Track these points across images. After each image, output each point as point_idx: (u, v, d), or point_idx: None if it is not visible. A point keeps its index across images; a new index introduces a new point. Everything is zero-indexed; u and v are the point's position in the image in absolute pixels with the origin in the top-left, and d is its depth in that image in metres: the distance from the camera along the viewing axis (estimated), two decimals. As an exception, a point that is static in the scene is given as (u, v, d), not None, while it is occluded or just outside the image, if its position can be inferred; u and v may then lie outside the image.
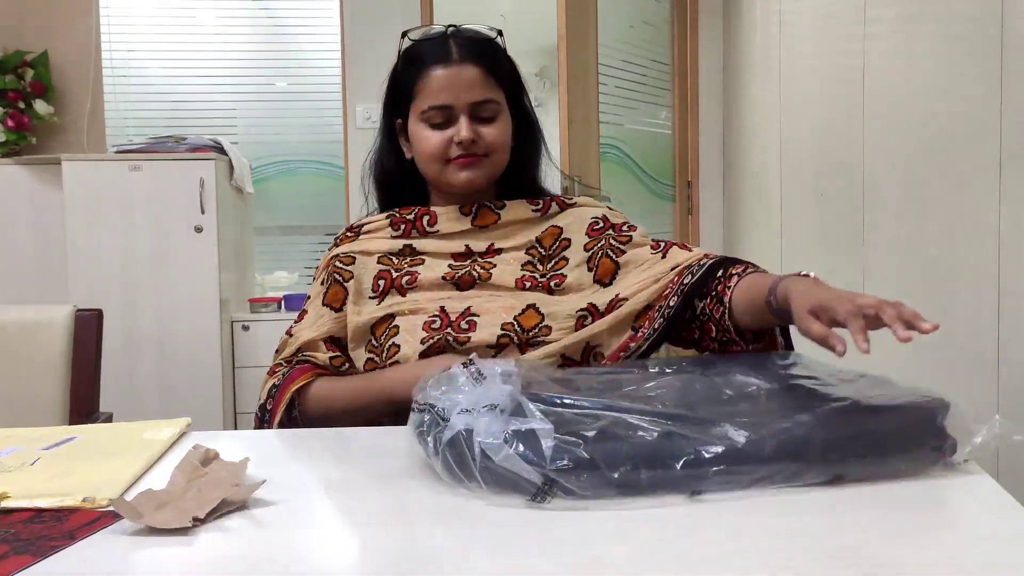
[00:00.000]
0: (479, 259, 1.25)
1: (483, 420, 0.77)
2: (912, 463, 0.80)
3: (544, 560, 0.66)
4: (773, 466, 0.76)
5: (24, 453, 0.93)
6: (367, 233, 1.31)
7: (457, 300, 1.20)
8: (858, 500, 0.75)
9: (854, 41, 2.18)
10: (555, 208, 1.30)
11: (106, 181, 3.12)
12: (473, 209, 1.27)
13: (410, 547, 0.70)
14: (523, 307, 1.18)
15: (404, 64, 1.28)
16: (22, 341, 1.58)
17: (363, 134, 3.58)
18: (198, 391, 3.16)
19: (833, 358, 0.86)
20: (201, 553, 0.68)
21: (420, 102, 1.24)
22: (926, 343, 0.88)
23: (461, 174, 1.24)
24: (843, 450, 0.78)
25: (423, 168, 1.28)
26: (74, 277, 3.10)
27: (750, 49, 3.27)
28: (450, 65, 1.23)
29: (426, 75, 1.24)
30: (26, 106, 3.37)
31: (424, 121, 1.24)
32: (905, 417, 0.82)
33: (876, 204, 2.07)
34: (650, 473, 0.75)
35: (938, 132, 1.77)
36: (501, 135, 1.26)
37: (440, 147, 1.23)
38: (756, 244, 3.22)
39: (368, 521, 0.76)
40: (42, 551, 0.67)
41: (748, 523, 0.71)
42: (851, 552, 0.65)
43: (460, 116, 1.23)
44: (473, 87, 1.23)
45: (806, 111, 2.60)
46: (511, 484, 0.75)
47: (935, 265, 1.77)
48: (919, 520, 0.73)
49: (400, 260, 1.26)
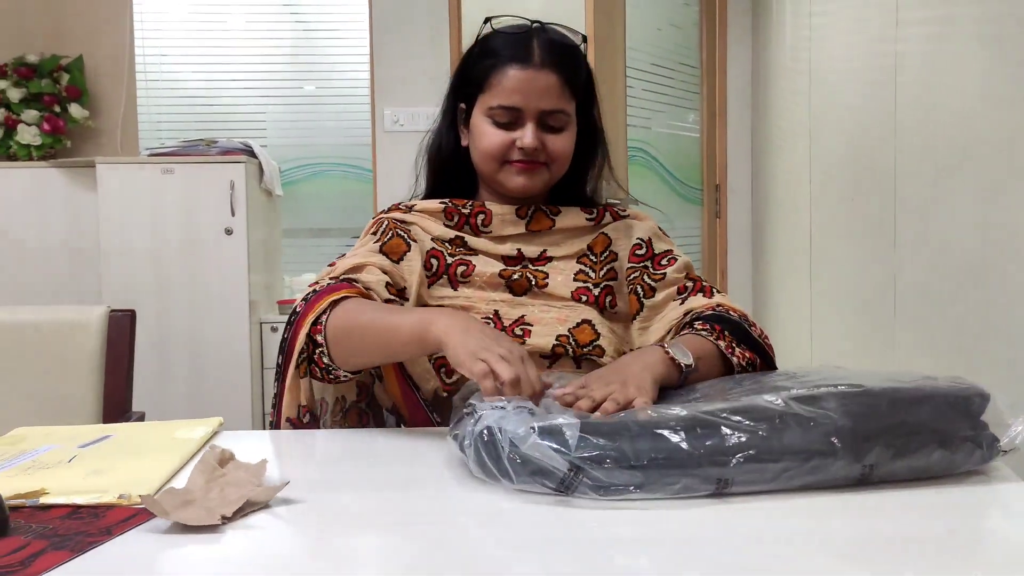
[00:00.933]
0: (530, 265, 1.22)
1: (513, 417, 0.79)
2: (946, 455, 0.78)
3: (572, 565, 0.66)
4: (799, 455, 0.76)
5: (62, 451, 0.95)
6: (420, 212, 1.26)
7: (510, 306, 1.18)
8: (887, 505, 0.75)
9: (886, 43, 2.16)
10: (608, 218, 1.28)
11: (139, 184, 3.17)
12: (529, 212, 1.24)
13: (435, 547, 0.70)
14: (578, 320, 1.17)
15: (481, 52, 1.22)
16: (57, 341, 1.60)
17: (391, 137, 3.60)
18: (227, 391, 3.19)
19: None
20: (231, 550, 0.69)
21: (489, 97, 1.20)
22: (960, 348, 0.87)
23: (517, 179, 1.21)
24: (873, 438, 0.76)
25: (478, 163, 1.25)
26: (108, 278, 3.15)
27: (779, 51, 3.24)
28: (528, 67, 1.18)
29: (501, 71, 1.19)
30: (62, 110, 3.43)
31: (489, 117, 1.20)
32: (939, 405, 0.80)
33: (908, 208, 2.04)
34: (674, 462, 0.75)
35: (971, 134, 1.75)
36: (565, 147, 1.22)
37: (501, 148, 1.20)
38: (784, 248, 3.20)
39: (393, 521, 0.77)
40: (79, 547, 0.68)
41: (775, 527, 0.71)
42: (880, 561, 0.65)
43: (527, 122, 1.18)
44: (546, 95, 1.18)
45: (837, 114, 2.58)
46: (539, 473, 0.76)
47: (968, 269, 1.75)
48: (950, 528, 0.72)
49: (453, 248, 1.22)
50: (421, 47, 3.54)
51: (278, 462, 0.95)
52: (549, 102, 1.18)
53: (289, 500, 0.79)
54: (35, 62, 3.44)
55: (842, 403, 0.78)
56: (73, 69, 3.48)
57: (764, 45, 3.49)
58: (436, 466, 0.89)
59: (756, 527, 0.71)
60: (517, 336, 1.15)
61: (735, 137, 3.74)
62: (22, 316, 1.62)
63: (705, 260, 3.78)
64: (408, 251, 1.19)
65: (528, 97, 1.18)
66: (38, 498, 0.79)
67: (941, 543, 0.68)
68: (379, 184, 3.63)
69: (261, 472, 0.82)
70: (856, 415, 0.77)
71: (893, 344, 2.10)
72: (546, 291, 1.20)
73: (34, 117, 3.37)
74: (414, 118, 3.56)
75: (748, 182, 3.74)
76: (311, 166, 3.84)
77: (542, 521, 0.73)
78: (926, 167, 1.95)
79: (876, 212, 2.21)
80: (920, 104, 1.99)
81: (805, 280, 2.87)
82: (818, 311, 2.78)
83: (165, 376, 3.17)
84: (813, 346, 2.77)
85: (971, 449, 0.79)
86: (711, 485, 0.75)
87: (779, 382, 0.88)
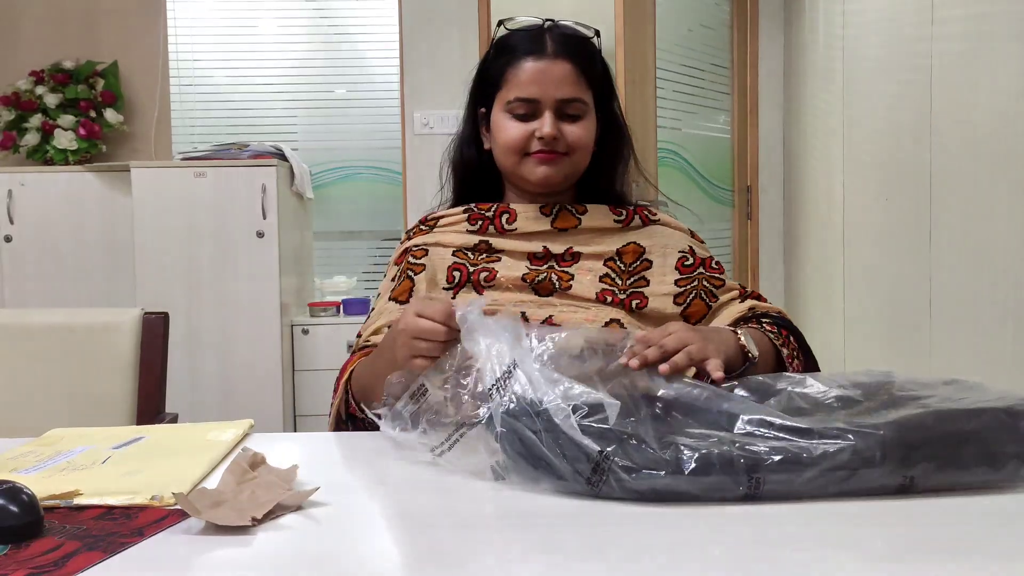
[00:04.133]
0: (557, 263, 1.22)
1: (548, 391, 0.79)
2: (990, 471, 0.76)
3: (599, 564, 0.66)
4: (839, 464, 0.74)
5: (95, 452, 0.95)
6: (443, 227, 1.28)
7: (537, 306, 1.18)
8: (925, 512, 0.73)
9: (921, 42, 2.12)
10: (637, 221, 1.27)
11: (172, 187, 3.20)
12: (553, 210, 1.25)
13: (466, 550, 0.70)
14: (606, 320, 1.17)
15: (496, 52, 1.25)
16: (92, 343, 1.62)
17: (421, 140, 3.62)
18: (259, 393, 3.22)
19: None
20: (262, 550, 0.70)
21: (507, 92, 1.22)
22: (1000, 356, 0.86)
23: (538, 169, 1.21)
24: (917, 450, 0.75)
25: (500, 159, 1.25)
26: (142, 280, 3.19)
27: (812, 51, 3.21)
28: (542, 58, 1.20)
29: (516, 65, 1.21)
30: (97, 115, 3.49)
31: (508, 112, 1.22)
32: (985, 421, 0.77)
33: (944, 208, 2.01)
34: (704, 456, 0.74)
35: (1009, 134, 1.72)
36: (584, 135, 1.22)
37: (520, 139, 1.21)
38: (816, 250, 3.16)
39: (424, 524, 0.77)
40: (112, 547, 0.69)
41: (806, 531, 0.70)
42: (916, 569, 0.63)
43: (545, 111, 1.20)
44: (563, 83, 1.20)
45: (871, 114, 2.54)
46: (571, 454, 0.76)
47: (1005, 271, 1.72)
48: (990, 536, 0.70)
49: (476, 256, 1.23)
50: (451, 50, 3.55)
51: (309, 465, 0.95)
52: (565, 91, 1.20)
53: (320, 503, 0.79)
54: (71, 68, 3.50)
55: (882, 415, 0.77)
56: (108, 75, 3.53)
57: (796, 44, 3.46)
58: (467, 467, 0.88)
59: (788, 532, 0.70)
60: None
61: (766, 138, 3.70)
62: (57, 318, 1.64)
63: (736, 262, 3.75)
64: (413, 286, 1.23)
65: (544, 87, 1.20)
66: (72, 499, 0.80)
67: (980, 552, 0.67)
68: (408, 187, 3.65)
69: (292, 477, 0.82)
70: (902, 426, 0.76)
71: (929, 348, 2.07)
72: (570, 292, 1.20)
73: (70, 122, 3.42)
74: (444, 121, 3.57)
75: (780, 183, 3.70)
76: (341, 169, 3.87)
77: (568, 521, 0.73)
78: (963, 167, 1.92)
79: (911, 213, 2.17)
80: (957, 103, 1.96)
81: (838, 282, 2.83)
82: (851, 313, 2.74)
83: (198, 378, 3.20)
84: (846, 349, 2.73)
85: (1017, 466, 0.77)
86: (743, 484, 0.74)
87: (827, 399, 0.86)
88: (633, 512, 0.74)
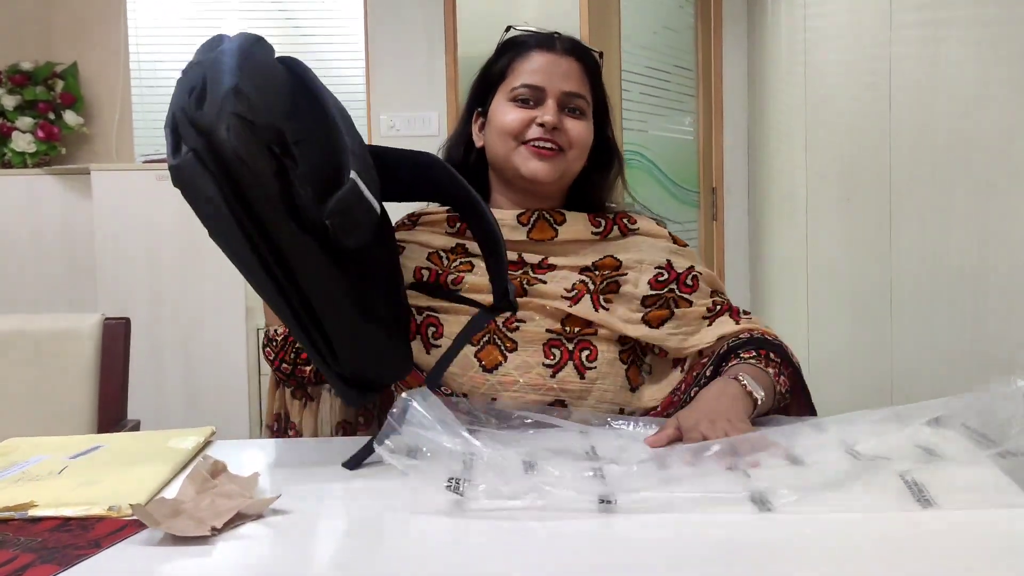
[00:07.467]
0: (531, 271, 1.22)
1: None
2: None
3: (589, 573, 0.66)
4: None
5: (51, 462, 0.94)
6: (424, 225, 1.28)
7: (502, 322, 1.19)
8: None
9: (880, 46, 2.16)
10: (616, 232, 1.26)
11: (134, 190, 3.15)
12: (531, 219, 1.23)
13: (430, 559, 0.70)
14: (569, 313, 1.18)
15: (502, 50, 1.26)
16: (52, 349, 1.60)
17: (387, 143, 3.57)
18: (224, 399, 3.18)
19: None
20: (222, 561, 0.69)
21: (512, 80, 1.22)
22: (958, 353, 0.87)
23: (530, 163, 1.19)
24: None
25: (493, 148, 1.24)
26: (103, 285, 3.14)
27: (775, 55, 3.25)
28: (552, 52, 1.22)
29: (525, 56, 1.22)
30: (56, 117, 3.43)
31: (511, 99, 1.21)
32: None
33: (904, 210, 2.04)
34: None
35: (966, 137, 1.75)
36: (583, 133, 1.22)
37: (520, 124, 1.20)
38: (781, 250, 3.20)
39: (385, 532, 0.76)
40: (68, 560, 0.68)
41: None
42: None
43: (548, 100, 1.20)
44: (569, 78, 1.21)
45: (832, 116, 2.58)
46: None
47: (964, 271, 1.75)
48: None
49: (451, 258, 1.23)
50: (417, 52, 3.54)
51: (270, 473, 0.94)
52: (571, 84, 1.22)
53: (281, 511, 0.78)
54: (29, 69, 3.43)
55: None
56: (67, 76, 3.47)
57: (759, 47, 3.49)
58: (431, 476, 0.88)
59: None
60: (511, 331, 1.17)
61: (731, 140, 3.74)
62: (15, 324, 1.61)
63: (703, 262, 3.78)
64: None
65: (551, 77, 1.21)
66: (27, 511, 0.78)
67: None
68: (375, 189, 3.63)
69: (253, 485, 0.81)
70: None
71: (890, 345, 2.10)
72: (539, 289, 1.19)
73: (28, 124, 3.36)
74: (410, 123, 3.55)
75: (745, 184, 3.74)
76: (307, 171, 3.83)
77: (530, 536, 0.73)
78: (921, 169, 1.95)
79: (872, 214, 2.20)
80: (915, 106, 1.99)
81: (802, 282, 2.87)
82: (814, 313, 2.77)
83: (161, 383, 3.16)
84: (810, 347, 2.76)
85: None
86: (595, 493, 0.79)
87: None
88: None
